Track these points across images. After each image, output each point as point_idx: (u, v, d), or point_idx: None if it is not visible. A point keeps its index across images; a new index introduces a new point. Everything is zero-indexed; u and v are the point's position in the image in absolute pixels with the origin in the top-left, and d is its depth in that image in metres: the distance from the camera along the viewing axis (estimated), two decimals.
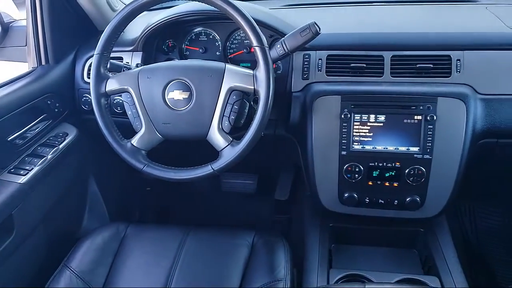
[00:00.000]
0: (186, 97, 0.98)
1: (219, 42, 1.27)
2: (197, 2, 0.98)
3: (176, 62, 1.04)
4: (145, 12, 1.41)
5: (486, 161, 1.17)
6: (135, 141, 1.02)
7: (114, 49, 1.02)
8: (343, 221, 1.24)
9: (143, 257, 1.10)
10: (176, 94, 0.99)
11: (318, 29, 0.98)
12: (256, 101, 0.96)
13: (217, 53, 1.27)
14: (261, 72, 0.94)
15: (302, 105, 1.14)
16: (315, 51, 1.14)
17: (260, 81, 0.94)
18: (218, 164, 0.97)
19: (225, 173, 1.80)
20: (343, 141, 1.10)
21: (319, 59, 1.13)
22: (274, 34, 1.18)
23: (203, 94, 0.97)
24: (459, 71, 1.07)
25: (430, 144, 1.05)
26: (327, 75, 1.12)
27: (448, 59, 1.07)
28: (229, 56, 1.27)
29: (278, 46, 1.00)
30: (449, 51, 1.07)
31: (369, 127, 1.08)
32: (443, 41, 1.09)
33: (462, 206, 1.69)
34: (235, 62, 1.26)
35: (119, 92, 1.03)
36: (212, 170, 0.97)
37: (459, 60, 1.07)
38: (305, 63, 1.14)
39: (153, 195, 1.77)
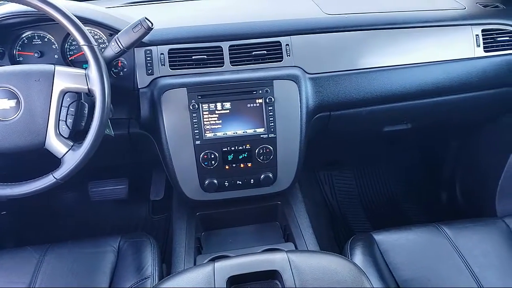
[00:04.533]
0: (14, 105, 0.91)
1: (56, 45, 1.19)
2: (12, 3, 0.90)
3: None
4: None
5: (325, 133, 1.32)
6: None
7: None
8: (209, 208, 1.28)
9: None
10: (1, 104, 0.91)
11: (150, 24, 0.99)
12: None
13: (56, 56, 1.19)
14: (92, 70, 0.91)
15: (150, 101, 1.14)
16: (156, 46, 1.14)
17: (93, 79, 0.91)
18: (60, 172, 0.92)
19: (92, 181, 1.73)
20: (195, 131, 1.13)
21: (161, 54, 1.14)
22: (113, 33, 1.15)
23: (33, 100, 0.91)
24: (289, 55, 1.18)
25: (272, 124, 1.15)
26: (171, 69, 1.14)
27: (279, 45, 1.18)
28: (70, 59, 1.20)
29: (113, 43, 1.00)
30: (278, 37, 1.18)
31: (217, 115, 1.14)
32: (272, 29, 1.19)
33: (321, 176, 1.89)
34: (77, 64, 1.20)
35: None
36: (55, 180, 0.92)
37: (288, 45, 1.18)
38: (148, 58, 1.14)
39: (11, 218, 1.59)
